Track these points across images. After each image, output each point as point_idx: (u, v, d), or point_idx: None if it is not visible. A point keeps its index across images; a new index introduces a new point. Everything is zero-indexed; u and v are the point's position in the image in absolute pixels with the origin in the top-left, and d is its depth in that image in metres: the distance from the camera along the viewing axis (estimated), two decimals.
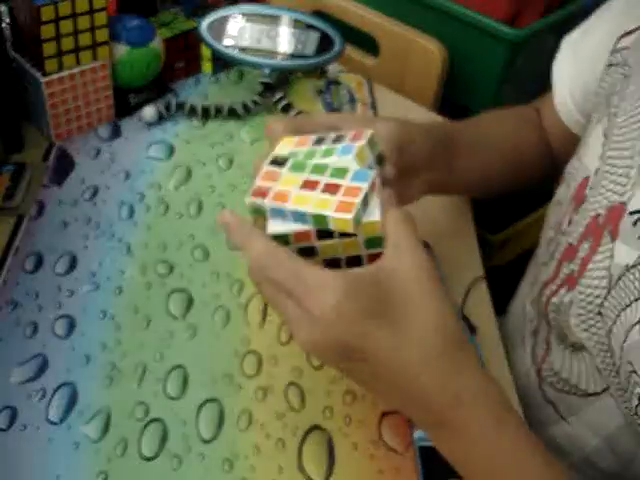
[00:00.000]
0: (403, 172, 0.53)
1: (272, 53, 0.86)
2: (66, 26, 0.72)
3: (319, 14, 1.03)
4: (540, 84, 0.75)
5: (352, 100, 0.91)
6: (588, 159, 0.59)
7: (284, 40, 0.86)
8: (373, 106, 0.90)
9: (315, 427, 0.54)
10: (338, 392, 0.56)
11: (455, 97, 1.04)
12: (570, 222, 0.59)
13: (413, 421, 0.50)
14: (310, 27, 0.86)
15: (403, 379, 0.43)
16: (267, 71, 0.86)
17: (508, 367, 0.61)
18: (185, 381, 0.56)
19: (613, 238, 0.51)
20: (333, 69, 0.94)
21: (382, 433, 0.54)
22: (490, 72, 1.02)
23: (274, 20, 0.86)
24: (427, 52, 0.98)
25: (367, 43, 1.04)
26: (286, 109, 0.86)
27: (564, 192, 0.62)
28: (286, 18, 0.86)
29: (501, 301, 0.70)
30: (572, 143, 0.64)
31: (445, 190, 0.67)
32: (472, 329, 0.61)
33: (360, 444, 0.53)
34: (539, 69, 1.04)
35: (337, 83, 0.94)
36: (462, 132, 0.65)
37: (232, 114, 0.85)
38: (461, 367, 0.43)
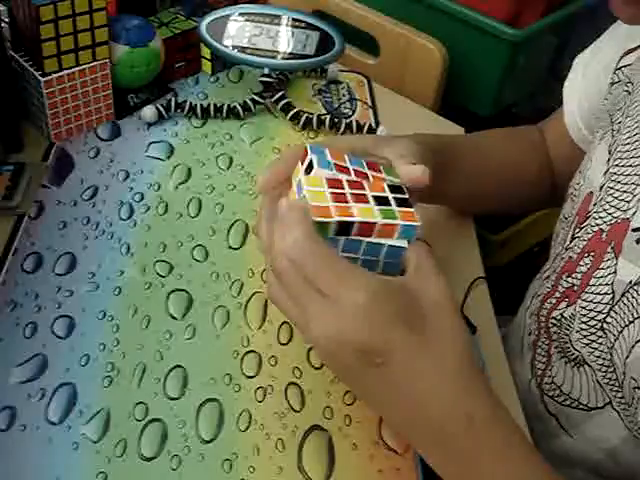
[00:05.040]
0: None
1: (272, 53, 0.86)
2: (65, 26, 0.72)
3: (319, 14, 1.03)
4: (540, 84, 0.75)
5: (352, 100, 0.91)
6: (592, 175, 0.59)
7: (284, 40, 0.85)
8: (373, 106, 0.90)
9: (315, 427, 0.54)
10: (338, 392, 0.56)
11: (455, 97, 1.04)
12: (574, 237, 0.59)
13: (410, 439, 0.48)
14: (310, 27, 0.86)
15: (417, 389, 0.43)
16: (267, 71, 0.86)
17: (508, 366, 0.61)
18: (185, 381, 0.56)
19: (616, 254, 0.51)
20: (333, 69, 0.94)
21: (382, 433, 0.54)
22: (490, 72, 1.02)
23: (274, 20, 0.86)
24: (427, 52, 0.98)
25: (367, 43, 1.04)
26: (286, 109, 0.86)
27: (569, 208, 0.62)
28: (286, 18, 0.86)
29: (501, 301, 0.70)
30: (578, 162, 0.64)
31: (433, 202, 0.68)
32: (472, 329, 0.61)
33: (360, 444, 0.53)
34: (539, 69, 1.04)
35: (337, 83, 0.94)
36: (462, 151, 0.66)
37: (232, 114, 0.85)
38: (475, 389, 0.44)
